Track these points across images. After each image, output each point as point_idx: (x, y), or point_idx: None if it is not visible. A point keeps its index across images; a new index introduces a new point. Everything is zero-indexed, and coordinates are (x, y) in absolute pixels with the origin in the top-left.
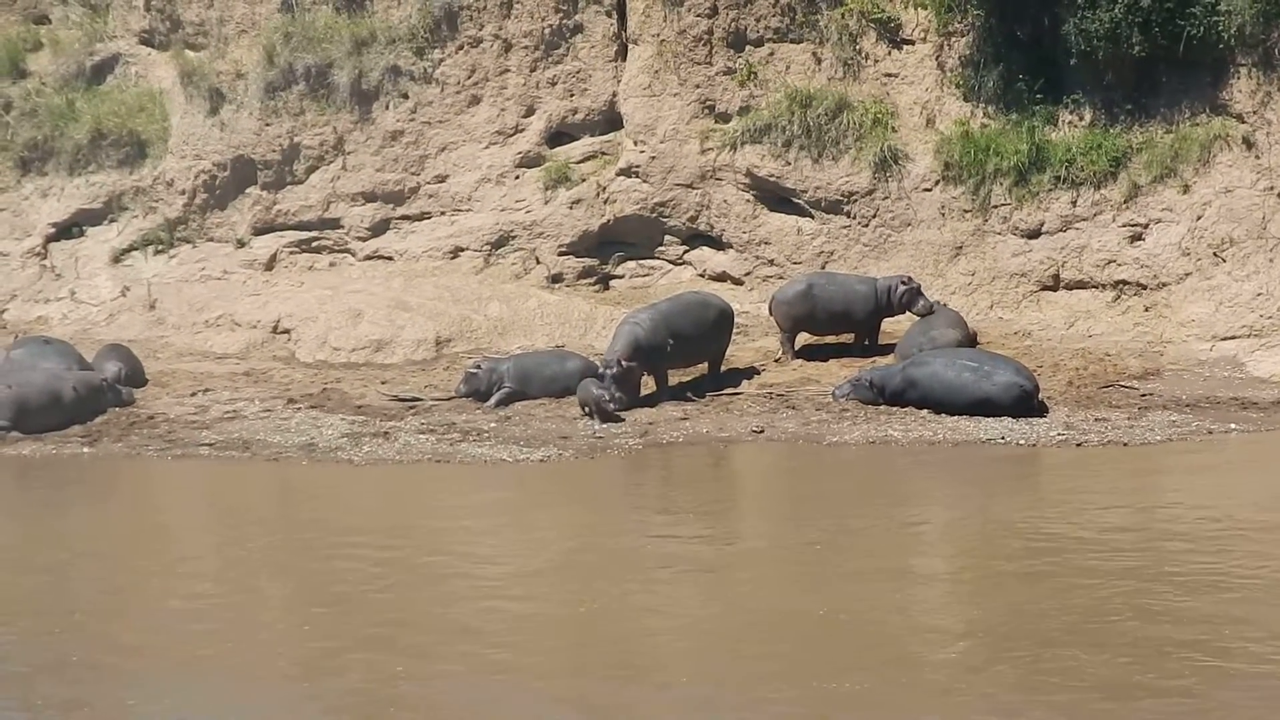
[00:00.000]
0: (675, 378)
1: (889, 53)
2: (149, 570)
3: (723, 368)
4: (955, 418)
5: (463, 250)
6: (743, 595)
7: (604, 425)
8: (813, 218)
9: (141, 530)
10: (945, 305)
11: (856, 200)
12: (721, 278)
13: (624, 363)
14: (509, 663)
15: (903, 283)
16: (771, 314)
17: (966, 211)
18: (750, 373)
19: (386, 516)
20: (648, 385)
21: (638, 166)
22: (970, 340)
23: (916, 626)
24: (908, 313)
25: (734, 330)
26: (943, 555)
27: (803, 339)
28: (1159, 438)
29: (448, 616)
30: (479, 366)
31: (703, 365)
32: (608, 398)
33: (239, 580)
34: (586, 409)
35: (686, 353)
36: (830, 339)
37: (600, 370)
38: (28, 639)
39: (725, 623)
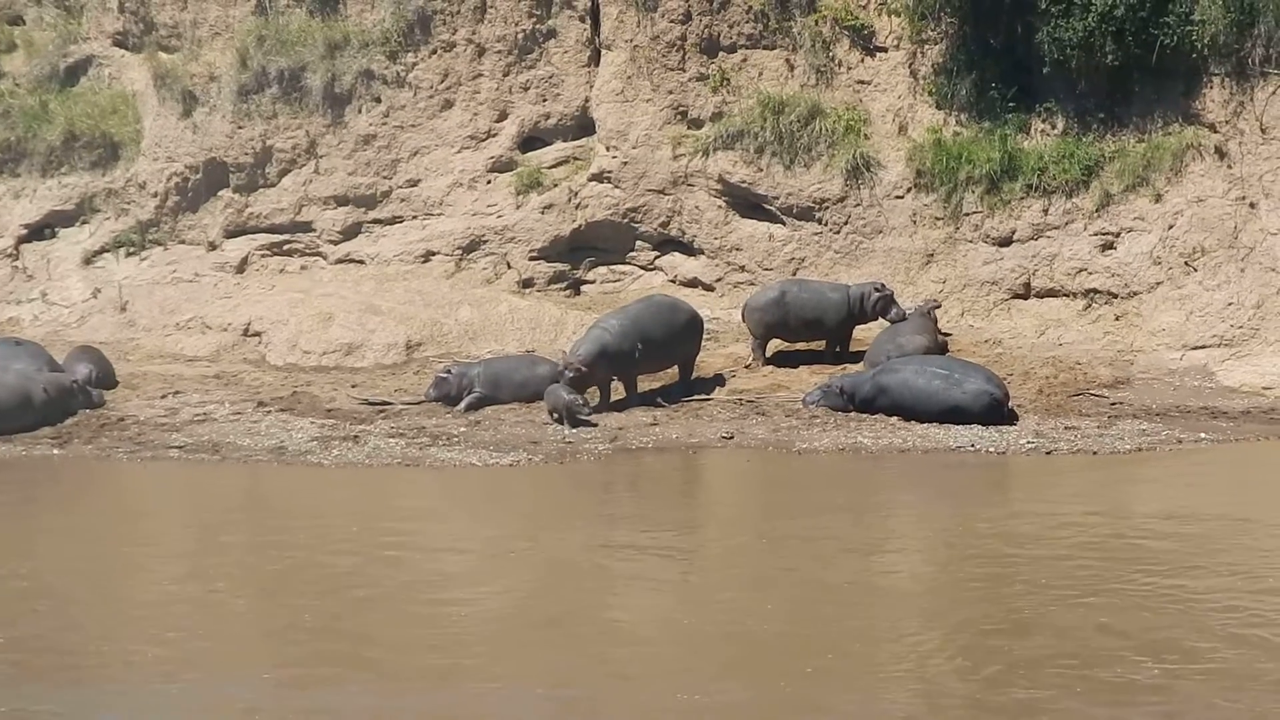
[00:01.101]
0: (645, 383)
1: (862, 60)
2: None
3: (693, 374)
4: (925, 425)
5: (434, 254)
6: (698, 599)
7: (573, 430)
8: (784, 224)
9: (111, 531)
10: (921, 310)
11: (828, 207)
12: (693, 284)
13: (581, 367)
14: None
15: (876, 290)
16: (744, 320)
17: (938, 219)
18: (721, 379)
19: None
20: (618, 391)
21: (610, 172)
22: (939, 347)
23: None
24: (880, 320)
25: (704, 336)
26: (901, 564)
27: (774, 345)
28: (1129, 446)
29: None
30: (449, 371)
31: (673, 370)
32: (581, 402)
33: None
34: (555, 414)
35: (656, 358)
36: (801, 346)
37: (560, 368)
38: None
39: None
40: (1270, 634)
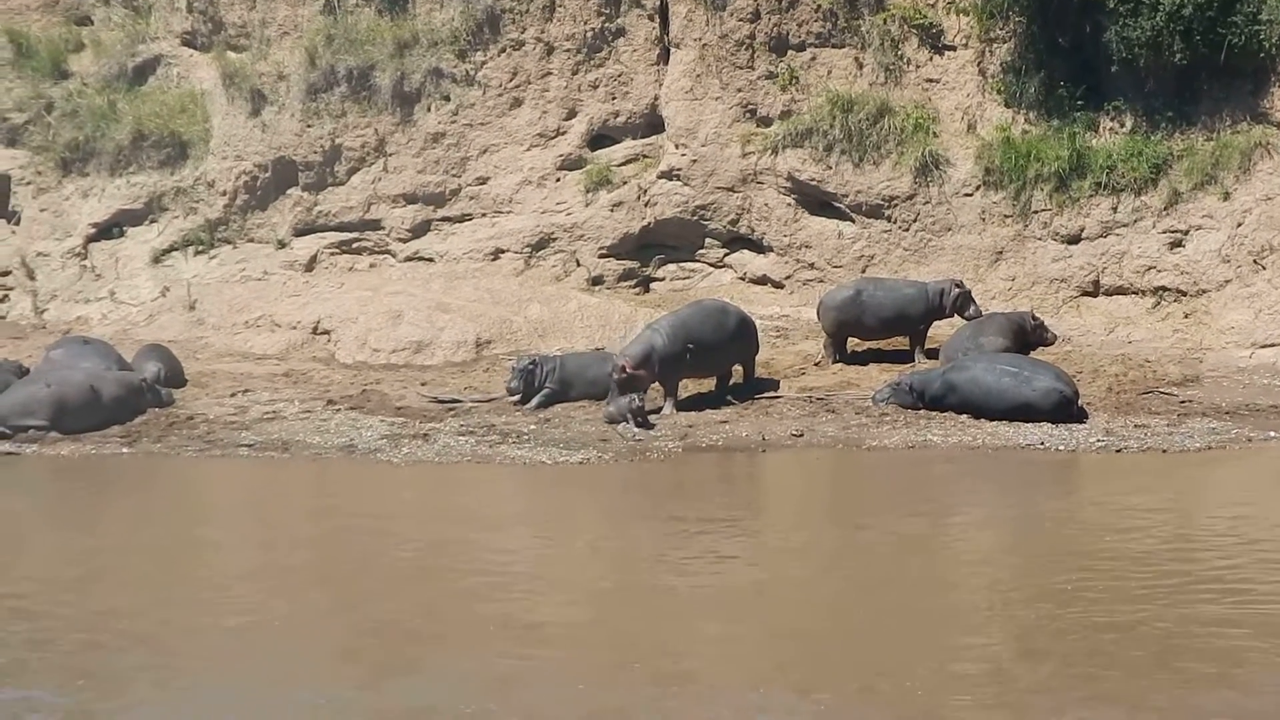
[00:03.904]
0: (695, 386)
1: (930, 58)
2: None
3: (759, 372)
4: (995, 423)
5: (503, 252)
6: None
7: (640, 430)
8: (854, 222)
9: (181, 530)
10: (1012, 317)
11: (897, 205)
12: (762, 281)
13: (629, 367)
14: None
15: (956, 286)
16: (819, 318)
17: (1007, 217)
18: (789, 377)
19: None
20: (685, 389)
21: (679, 169)
22: (1020, 349)
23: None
24: (956, 317)
25: (775, 334)
26: (973, 563)
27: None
28: (1198, 445)
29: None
30: (534, 362)
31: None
32: (636, 399)
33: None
34: (617, 421)
35: (706, 361)
36: (872, 344)
37: (609, 371)
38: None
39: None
40: None
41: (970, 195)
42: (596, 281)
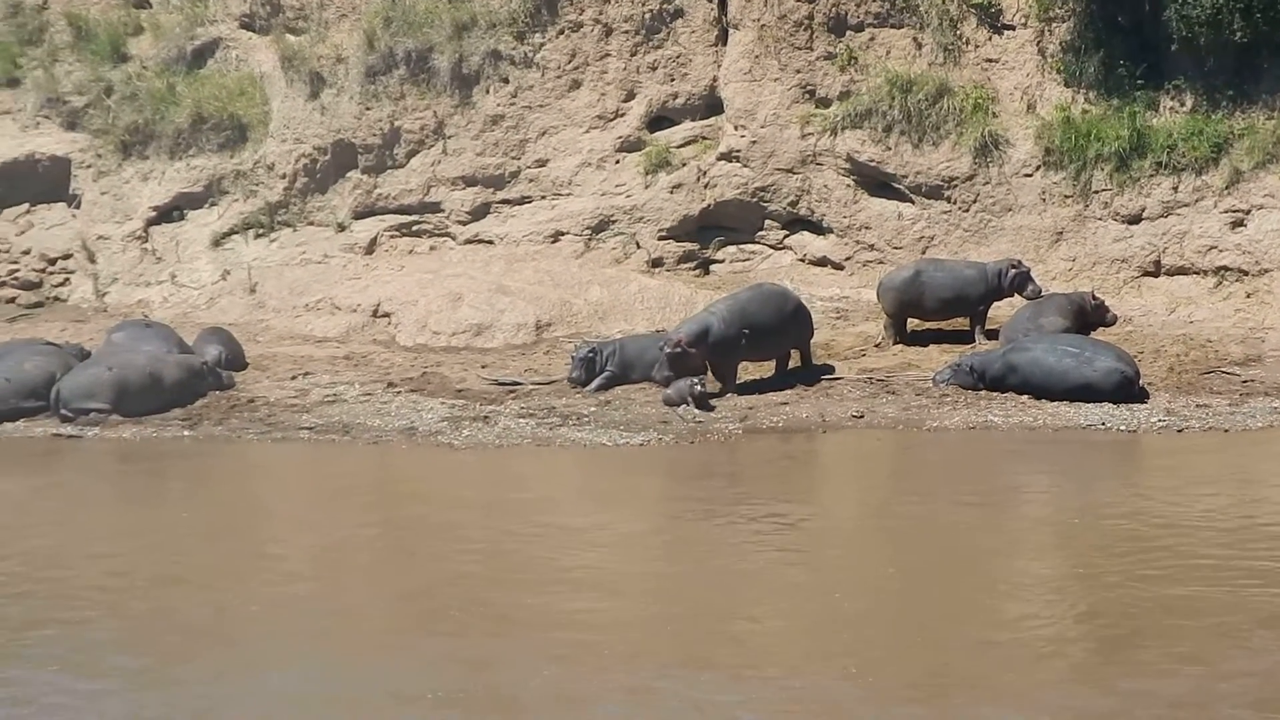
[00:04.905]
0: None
1: (989, 38)
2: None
3: (818, 355)
4: (1056, 403)
5: (563, 234)
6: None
7: (700, 412)
8: (913, 203)
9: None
10: (1073, 297)
11: (957, 185)
12: (822, 262)
13: (682, 344)
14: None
15: (1013, 266)
16: (879, 300)
17: (1067, 197)
18: (849, 358)
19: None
20: (745, 372)
21: (738, 151)
22: (1080, 330)
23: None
24: (1016, 296)
25: (835, 315)
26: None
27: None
28: (1260, 424)
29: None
30: (595, 350)
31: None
32: (697, 382)
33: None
34: (677, 404)
35: (763, 345)
36: (932, 324)
37: (660, 346)
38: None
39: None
40: None
41: (1030, 175)
42: (656, 264)
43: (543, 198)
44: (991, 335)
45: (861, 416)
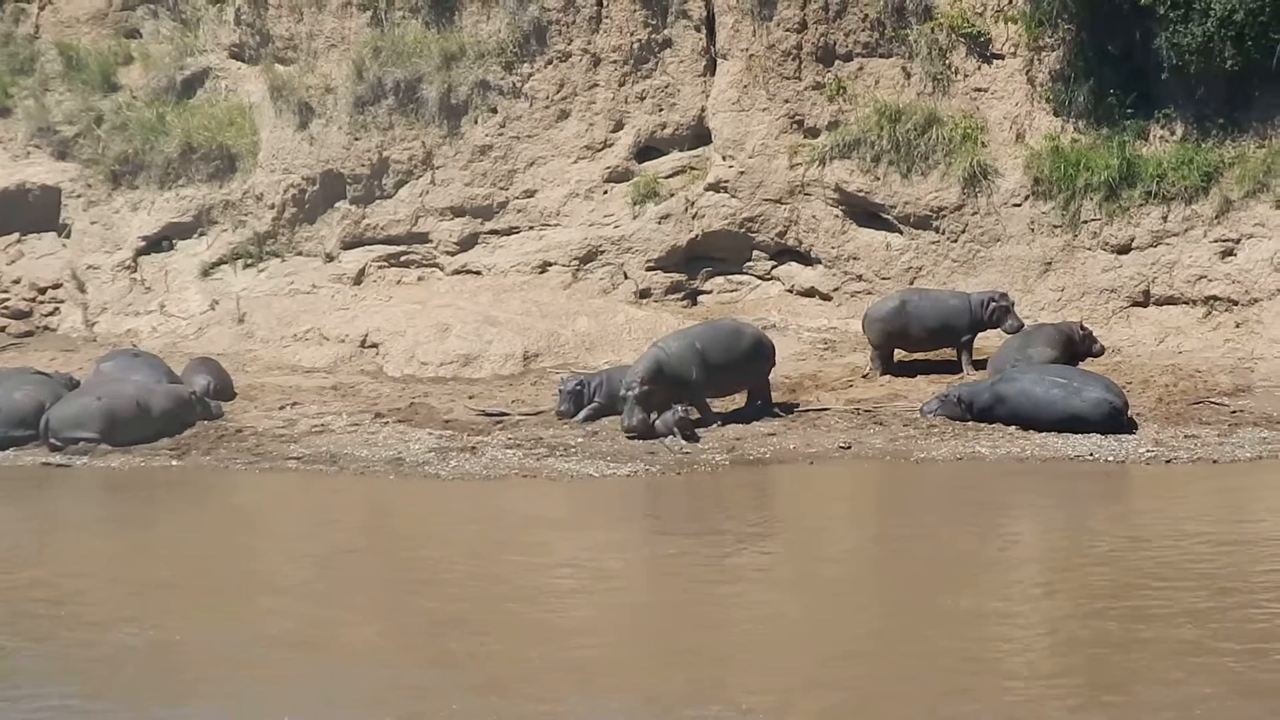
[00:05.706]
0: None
1: (979, 67)
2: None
3: (806, 385)
4: (1044, 434)
5: (551, 265)
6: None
7: (687, 443)
8: (901, 233)
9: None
10: (1061, 328)
11: (945, 215)
12: (810, 293)
13: (636, 383)
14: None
15: (994, 299)
16: (864, 330)
17: (1056, 227)
18: (837, 389)
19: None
20: (733, 402)
21: (726, 181)
22: (1068, 360)
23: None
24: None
25: (812, 348)
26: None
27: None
28: (1249, 455)
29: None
30: (582, 383)
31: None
32: (682, 413)
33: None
34: (662, 434)
35: (718, 380)
36: (919, 355)
37: (622, 392)
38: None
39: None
40: None
41: (1019, 205)
42: (644, 294)
43: (530, 228)
44: (980, 365)
45: (849, 447)
